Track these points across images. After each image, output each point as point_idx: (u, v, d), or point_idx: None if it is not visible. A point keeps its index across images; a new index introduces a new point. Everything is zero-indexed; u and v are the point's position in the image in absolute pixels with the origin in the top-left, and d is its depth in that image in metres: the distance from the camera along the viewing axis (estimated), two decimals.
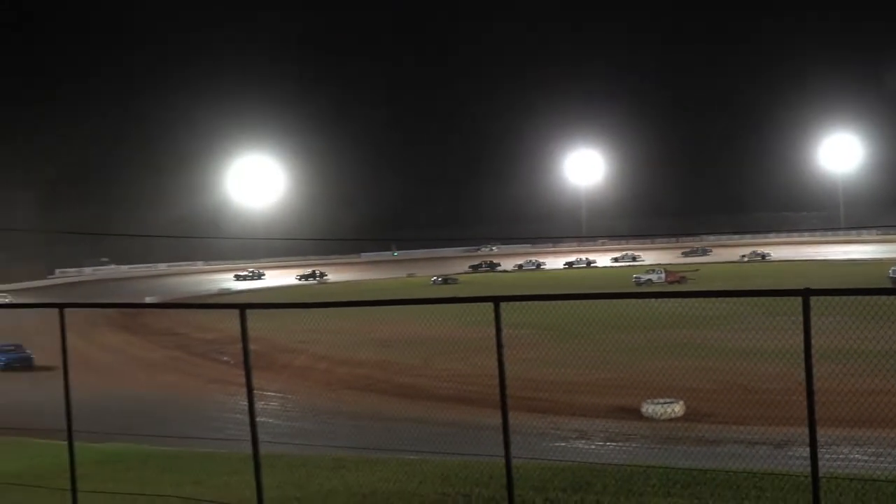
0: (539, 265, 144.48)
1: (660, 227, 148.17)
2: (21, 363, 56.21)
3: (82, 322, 66.89)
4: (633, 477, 15.32)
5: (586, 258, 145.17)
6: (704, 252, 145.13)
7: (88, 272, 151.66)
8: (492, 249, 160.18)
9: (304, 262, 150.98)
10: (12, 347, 58.76)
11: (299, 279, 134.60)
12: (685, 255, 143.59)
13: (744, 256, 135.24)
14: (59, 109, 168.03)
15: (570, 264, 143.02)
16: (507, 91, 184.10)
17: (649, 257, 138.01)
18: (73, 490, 13.37)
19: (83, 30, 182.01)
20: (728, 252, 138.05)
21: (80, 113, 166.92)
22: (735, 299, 37.09)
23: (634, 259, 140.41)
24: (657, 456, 24.32)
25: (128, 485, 17.51)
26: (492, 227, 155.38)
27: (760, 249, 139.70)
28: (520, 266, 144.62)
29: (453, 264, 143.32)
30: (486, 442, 15.08)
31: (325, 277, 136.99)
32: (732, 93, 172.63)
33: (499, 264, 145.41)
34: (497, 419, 10.72)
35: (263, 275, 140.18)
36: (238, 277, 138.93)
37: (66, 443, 13.60)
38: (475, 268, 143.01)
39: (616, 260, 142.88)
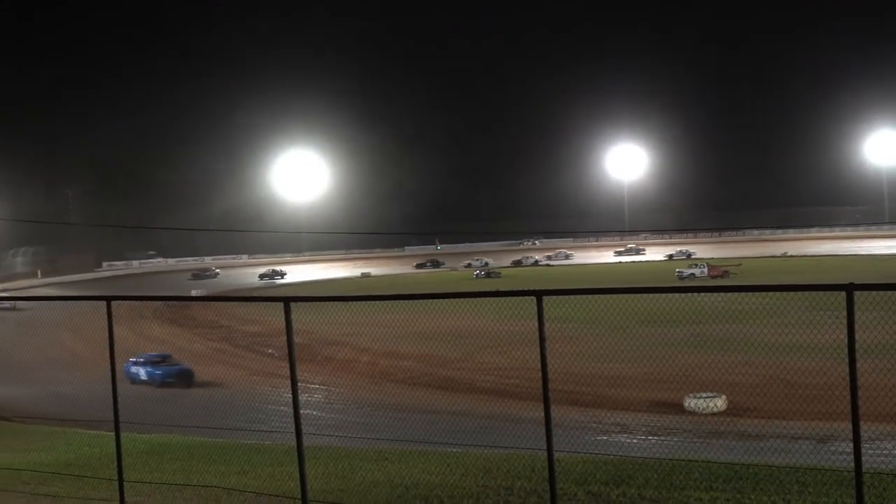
0: (487, 263, 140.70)
1: (702, 221, 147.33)
2: (179, 378, 45.56)
3: (130, 314, 67.47)
4: (674, 471, 15.32)
5: (534, 257, 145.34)
6: (638, 251, 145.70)
7: (136, 265, 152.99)
8: (534, 243, 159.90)
9: (347, 256, 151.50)
10: (160, 359, 48.33)
11: (260, 278, 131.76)
12: (618, 254, 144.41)
13: (671, 255, 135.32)
14: (109, 106, 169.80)
15: (517, 263, 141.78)
16: (550, 85, 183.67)
17: (697, 251, 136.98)
18: (120, 480, 13.53)
19: (130, 25, 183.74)
20: (754, 248, 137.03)
21: (129, 109, 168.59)
22: (778, 294, 36.87)
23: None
24: (699, 450, 24.29)
25: (173, 475, 17.69)
26: (534, 222, 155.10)
27: (686, 248, 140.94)
28: (518, 262, 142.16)
29: (496, 257, 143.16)
30: (528, 435, 15.15)
31: (284, 276, 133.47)
32: (777, 87, 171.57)
33: (443, 262, 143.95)
34: (538, 412, 10.77)
35: (218, 273, 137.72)
36: (194, 276, 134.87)
37: (112, 433, 13.74)
38: (420, 266, 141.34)
39: (546, 256, 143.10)
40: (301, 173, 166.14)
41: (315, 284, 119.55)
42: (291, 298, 12.01)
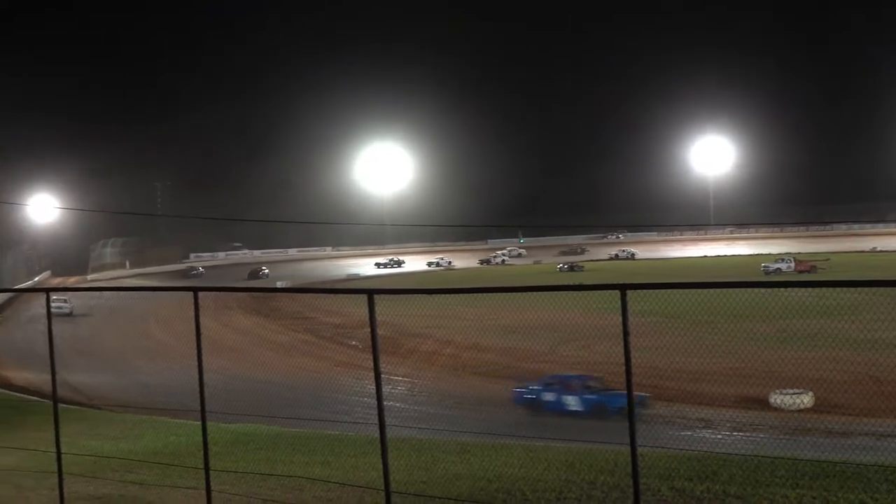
0: (451, 262, 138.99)
1: (789, 215, 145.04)
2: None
3: (216, 305, 68.28)
4: (760, 468, 15.18)
5: (500, 255, 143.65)
6: (582, 251, 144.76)
7: (222, 257, 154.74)
8: (618, 237, 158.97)
9: (431, 249, 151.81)
10: (580, 381, 36.09)
11: (248, 277, 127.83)
12: (563, 253, 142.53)
13: (616, 255, 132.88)
14: (197, 99, 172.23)
15: (485, 262, 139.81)
16: (635, 77, 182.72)
17: (780, 246, 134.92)
18: (206, 469, 13.65)
19: (218, 17, 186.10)
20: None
21: (217, 102, 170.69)
22: (866, 289, 36.25)
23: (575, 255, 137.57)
24: (785, 447, 24.02)
25: (258, 465, 17.90)
26: (619, 216, 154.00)
27: (630, 248, 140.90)
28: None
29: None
30: (611, 429, 15.08)
31: (268, 276, 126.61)
32: (867, 78, 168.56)
33: (404, 261, 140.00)
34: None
35: (202, 272, 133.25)
36: (190, 275, 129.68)
37: (199, 423, 13.86)
38: (381, 265, 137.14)
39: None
40: (385, 166, 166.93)
41: (398, 277, 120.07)
42: (375, 291, 12.04)
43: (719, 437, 29.67)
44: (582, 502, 13.89)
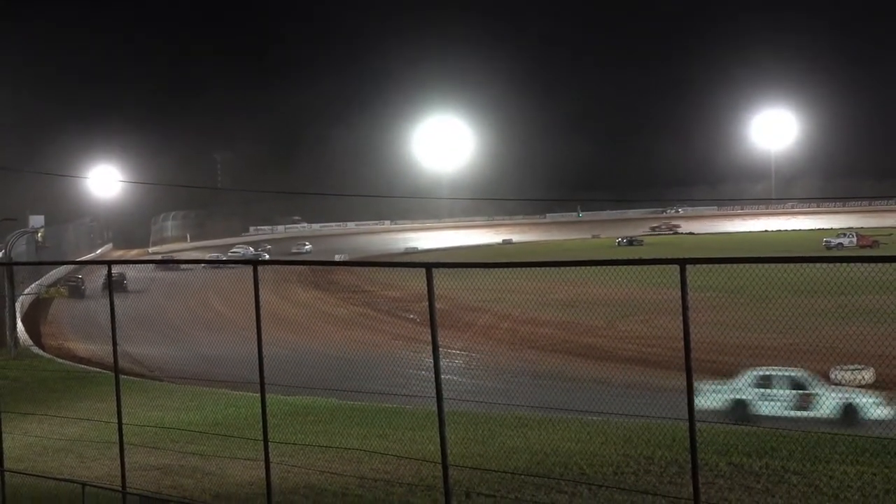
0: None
1: (852, 189, 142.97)
2: None
3: (275, 279, 68.66)
4: (819, 444, 15.06)
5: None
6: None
7: (281, 230, 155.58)
8: (677, 212, 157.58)
9: (488, 223, 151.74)
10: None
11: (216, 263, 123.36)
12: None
13: (622, 240, 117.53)
14: (256, 73, 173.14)
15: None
16: (695, 50, 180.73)
17: (842, 221, 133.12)
18: (265, 441, 13.75)
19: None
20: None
21: (276, 76, 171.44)
22: None
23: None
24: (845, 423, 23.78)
25: (317, 437, 18.02)
26: (678, 190, 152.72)
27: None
28: None
29: (638, 225, 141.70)
30: (669, 404, 15.02)
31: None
32: None
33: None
34: (679, 381, 10.66)
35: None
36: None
37: (258, 395, 13.94)
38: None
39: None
40: (445, 140, 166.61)
41: (457, 251, 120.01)
42: (434, 264, 12.04)
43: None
44: (639, 477, 13.87)
